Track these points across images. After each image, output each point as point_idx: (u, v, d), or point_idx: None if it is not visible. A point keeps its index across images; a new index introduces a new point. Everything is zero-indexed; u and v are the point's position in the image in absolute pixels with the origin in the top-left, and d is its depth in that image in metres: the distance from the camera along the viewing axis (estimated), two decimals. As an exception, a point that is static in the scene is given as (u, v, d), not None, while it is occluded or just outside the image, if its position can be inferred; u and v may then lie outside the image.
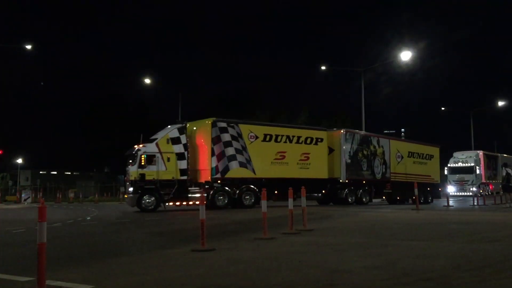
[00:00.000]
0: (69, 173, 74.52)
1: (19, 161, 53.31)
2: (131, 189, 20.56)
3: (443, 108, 60.90)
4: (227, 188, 21.85)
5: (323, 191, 25.00)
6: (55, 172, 73.00)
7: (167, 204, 21.05)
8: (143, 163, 20.36)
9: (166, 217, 17.61)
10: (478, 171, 38.03)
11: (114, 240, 11.21)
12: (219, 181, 21.70)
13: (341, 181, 25.54)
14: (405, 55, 32.30)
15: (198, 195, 20.96)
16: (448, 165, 39.39)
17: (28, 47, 30.30)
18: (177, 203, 21.03)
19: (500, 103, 50.73)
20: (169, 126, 22.16)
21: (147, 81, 39.70)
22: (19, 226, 14.24)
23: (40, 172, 68.43)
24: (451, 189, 37.99)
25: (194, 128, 22.72)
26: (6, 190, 48.99)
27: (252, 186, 22.36)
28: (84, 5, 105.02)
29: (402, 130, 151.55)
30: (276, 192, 22.68)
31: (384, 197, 28.68)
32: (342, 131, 26.20)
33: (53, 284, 5.95)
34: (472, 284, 5.81)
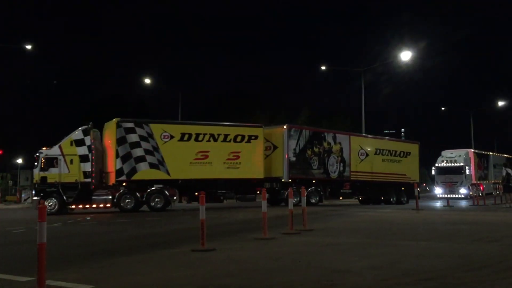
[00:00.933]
0: (69, 173, 74.13)
1: (19, 161, 53.30)
2: (33, 192, 20.59)
3: (443, 108, 60.97)
4: (135, 190, 20.97)
5: (258, 192, 23.36)
6: (55, 172, 72.67)
7: (72, 207, 20.57)
8: (43, 166, 20.08)
9: (166, 217, 17.62)
10: (467, 171, 34.80)
11: (114, 240, 11.22)
12: (124, 184, 20.86)
13: (283, 180, 23.65)
14: (405, 55, 32.31)
15: (103, 197, 20.59)
16: (436, 164, 36.28)
17: (28, 47, 30.31)
18: (80, 206, 20.54)
19: (500, 103, 50.80)
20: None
21: (147, 81, 39.74)
22: (19, 226, 14.25)
23: (40, 172, 68.18)
24: (438, 190, 35.41)
25: (104, 129, 22.25)
26: (6, 190, 48.97)
27: (161, 188, 21.24)
28: (84, 5, 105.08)
29: (402, 130, 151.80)
30: (196, 194, 22.03)
31: (341, 198, 26.73)
32: (284, 126, 24.14)
33: (53, 284, 5.95)
34: (472, 284, 5.81)
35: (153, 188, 21.16)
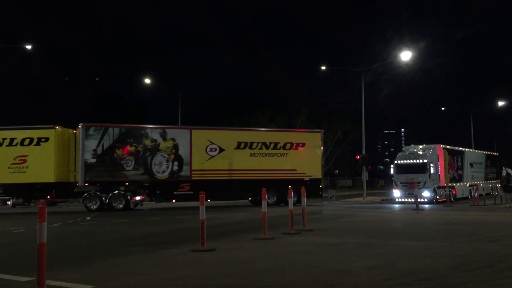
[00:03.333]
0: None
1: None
2: None
3: (443, 108, 61.12)
4: None
5: (48, 196, 22.03)
6: (55, 172, 72.58)
7: None
8: None
9: (166, 217, 17.62)
10: (432, 170, 28.08)
11: (114, 240, 11.22)
12: None
13: (78, 184, 22.02)
14: (405, 55, 32.29)
15: None
16: (395, 161, 29.87)
17: (28, 47, 30.29)
18: None
19: (500, 103, 50.83)
20: None
21: (147, 81, 39.72)
22: (19, 226, 14.25)
23: (40, 172, 68.08)
24: (397, 193, 28.72)
25: None
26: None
27: None
28: (85, 5, 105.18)
29: (402, 130, 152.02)
30: None
31: (174, 200, 23.75)
32: (80, 126, 22.23)
33: (53, 284, 5.96)
34: (472, 284, 5.81)
35: None
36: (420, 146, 30.26)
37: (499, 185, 35.63)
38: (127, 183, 22.69)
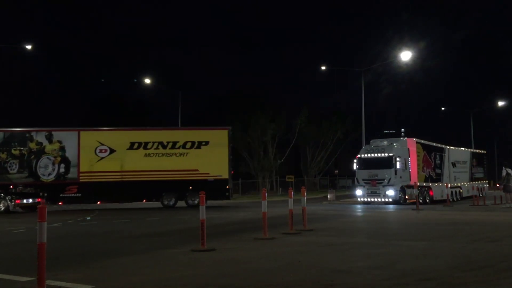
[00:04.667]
0: (69, 173, 73.97)
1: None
2: None
3: (443, 108, 61.06)
4: None
5: None
6: (55, 172, 72.50)
7: None
8: None
9: (166, 217, 17.62)
10: (399, 165, 24.18)
11: (114, 240, 11.22)
12: None
13: None
14: (405, 55, 32.28)
15: None
16: (357, 155, 26.25)
17: (28, 47, 30.29)
18: None
19: (500, 103, 50.85)
20: None
21: (147, 81, 39.70)
22: (19, 226, 14.26)
23: (40, 172, 68.03)
24: (359, 192, 25.82)
25: None
26: None
27: None
28: (84, 5, 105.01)
29: (402, 130, 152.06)
30: None
31: (61, 203, 23.49)
32: None
33: (53, 284, 5.96)
34: (472, 284, 5.81)
35: None
36: (390, 139, 26.74)
37: (485, 185, 35.00)
38: (11, 186, 22.95)
